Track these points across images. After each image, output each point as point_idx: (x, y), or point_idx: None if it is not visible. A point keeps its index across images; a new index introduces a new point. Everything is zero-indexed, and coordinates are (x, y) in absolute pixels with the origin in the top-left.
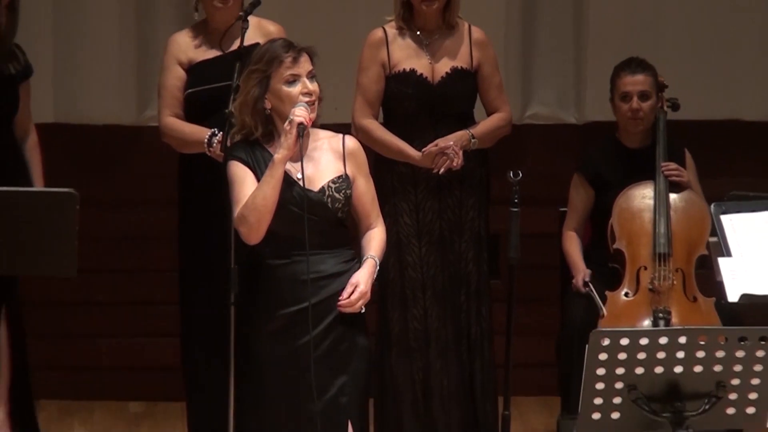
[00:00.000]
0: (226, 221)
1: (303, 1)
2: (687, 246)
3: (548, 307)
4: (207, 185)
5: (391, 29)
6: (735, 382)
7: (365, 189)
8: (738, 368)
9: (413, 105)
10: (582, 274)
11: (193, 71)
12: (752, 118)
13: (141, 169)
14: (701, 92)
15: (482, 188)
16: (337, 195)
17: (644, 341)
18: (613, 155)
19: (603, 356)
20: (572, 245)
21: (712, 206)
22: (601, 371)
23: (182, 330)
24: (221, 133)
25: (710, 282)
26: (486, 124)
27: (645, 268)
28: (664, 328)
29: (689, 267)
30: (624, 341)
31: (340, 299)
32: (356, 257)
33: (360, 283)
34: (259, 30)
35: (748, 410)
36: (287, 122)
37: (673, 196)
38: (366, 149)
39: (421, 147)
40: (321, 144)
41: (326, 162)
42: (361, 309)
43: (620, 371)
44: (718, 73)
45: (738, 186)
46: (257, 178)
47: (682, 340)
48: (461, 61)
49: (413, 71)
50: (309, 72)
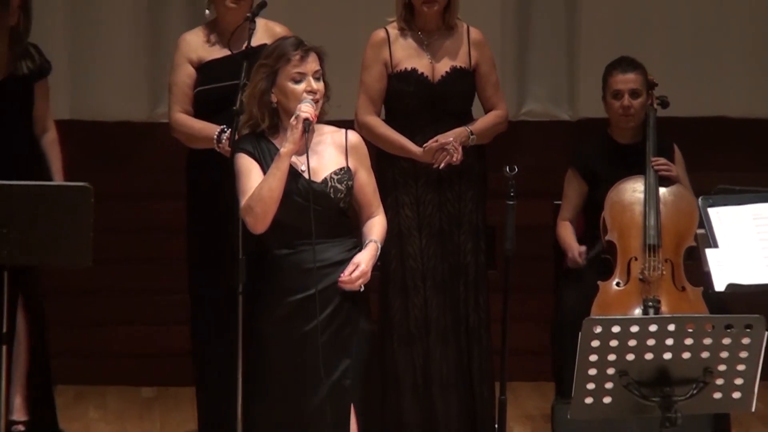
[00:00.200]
0: (233, 213)
1: (308, 3)
2: (676, 237)
3: (543, 297)
4: (214, 179)
5: (393, 30)
6: (722, 368)
7: (366, 181)
8: (724, 355)
9: (414, 102)
10: (576, 250)
11: (203, 70)
12: (738, 115)
13: (152, 164)
14: (689, 90)
15: (480, 182)
16: (339, 186)
17: (635, 329)
18: (606, 151)
19: (595, 343)
20: (566, 231)
21: (700, 199)
22: (594, 358)
23: (192, 318)
24: (230, 130)
25: (698, 272)
26: (484, 121)
27: (635, 259)
28: (654, 317)
29: (678, 258)
30: (615, 329)
31: (341, 276)
32: (358, 245)
33: (361, 263)
34: (267, 31)
35: (734, 395)
36: (293, 117)
37: (663, 190)
38: (369, 145)
39: (422, 143)
40: (325, 138)
41: (329, 155)
42: (360, 288)
43: (612, 358)
44: (706, 72)
45: (724, 180)
46: (263, 170)
47: (671, 328)
48: (460, 61)
49: (414, 70)
50: (315, 72)
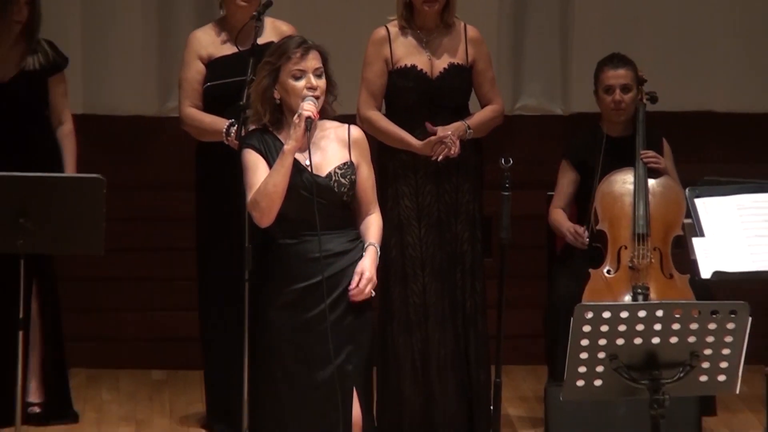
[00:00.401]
0: (241, 203)
1: (311, 2)
2: (664, 227)
3: (536, 283)
4: (222, 171)
5: (394, 28)
6: (707, 352)
7: (367, 175)
8: (710, 339)
9: (414, 98)
10: (575, 228)
11: (213, 66)
12: (723, 110)
13: (162, 156)
14: (677, 86)
15: (477, 174)
16: (343, 180)
17: (624, 314)
18: (597, 143)
19: (587, 328)
20: (560, 215)
21: (687, 190)
22: (585, 342)
23: (200, 304)
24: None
25: (685, 260)
26: (480, 116)
27: (625, 248)
28: (643, 303)
29: (666, 246)
30: (606, 314)
31: (350, 288)
32: (360, 236)
33: (365, 270)
34: (274, 30)
35: (720, 378)
36: (296, 116)
37: (652, 182)
38: (370, 138)
39: (422, 136)
40: (328, 133)
41: (333, 150)
42: (372, 294)
43: (602, 342)
44: (692, 69)
45: (710, 172)
46: (269, 165)
47: (659, 314)
48: (458, 58)
49: (414, 67)
50: (316, 69)
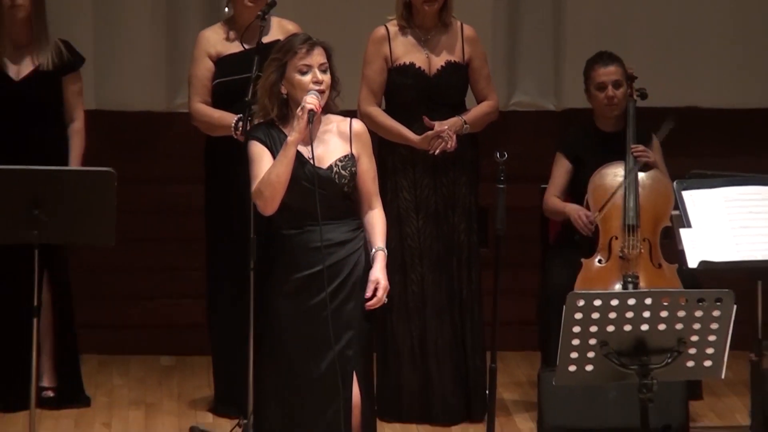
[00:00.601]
0: (247, 196)
1: (313, 2)
2: (653, 218)
3: (530, 273)
4: (230, 165)
5: (393, 27)
6: (694, 339)
7: (368, 167)
8: (697, 326)
9: (412, 94)
10: (583, 212)
11: (221, 63)
12: (709, 106)
13: (171, 151)
14: (665, 83)
15: (473, 168)
16: (343, 172)
17: (615, 302)
18: (590, 138)
19: (578, 316)
20: (557, 201)
21: (675, 183)
22: (577, 329)
23: (208, 292)
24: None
25: (673, 250)
26: (476, 111)
27: (616, 238)
28: (633, 291)
29: (655, 237)
30: (597, 302)
31: (367, 297)
32: (362, 227)
33: (380, 280)
34: (280, 28)
35: (706, 363)
36: (299, 108)
37: (642, 175)
38: (371, 133)
39: (420, 131)
40: (331, 127)
41: (335, 143)
42: (385, 300)
43: (593, 329)
44: (680, 67)
45: (698, 165)
46: (273, 157)
47: (648, 302)
48: (455, 56)
49: (412, 64)
50: (321, 64)
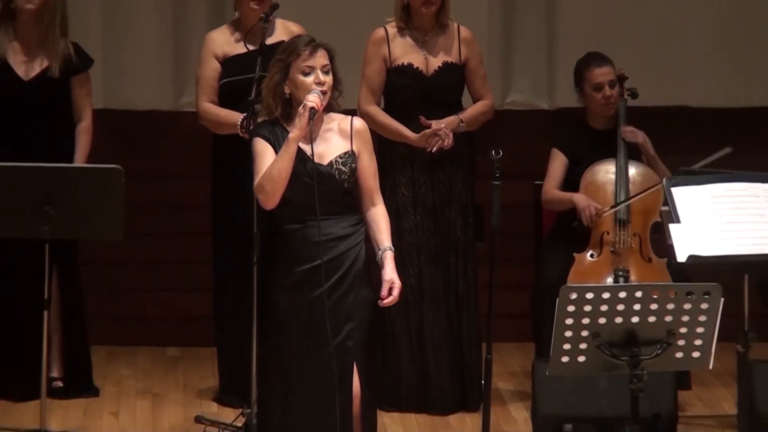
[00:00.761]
0: (251, 191)
1: (315, 4)
2: (643, 214)
3: (525, 267)
4: (235, 162)
5: (392, 28)
6: (683, 331)
7: (368, 164)
8: (685, 318)
9: (410, 94)
10: (592, 203)
11: (227, 64)
12: (697, 105)
13: (177, 148)
14: (655, 82)
15: (469, 165)
16: (343, 168)
17: (606, 295)
18: (583, 136)
19: (571, 308)
20: (558, 192)
21: (664, 180)
22: (570, 321)
23: (214, 285)
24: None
25: (662, 245)
26: (472, 110)
27: (608, 233)
28: (624, 284)
29: (645, 232)
30: (589, 295)
31: (383, 299)
32: (362, 222)
33: (394, 280)
34: (285, 30)
35: (694, 354)
36: (301, 106)
37: (632, 172)
38: (370, 131)
39: (417, 130)
40: (333, 125)
41: (336, 140)
42: (398, 298)
43: (586, 321)
44: (669, 67)
45: (686, 163)
46: (276, 153)
47: (639, 295)
48: (452, 57)
49: (410, 65)
50: (324, 66)
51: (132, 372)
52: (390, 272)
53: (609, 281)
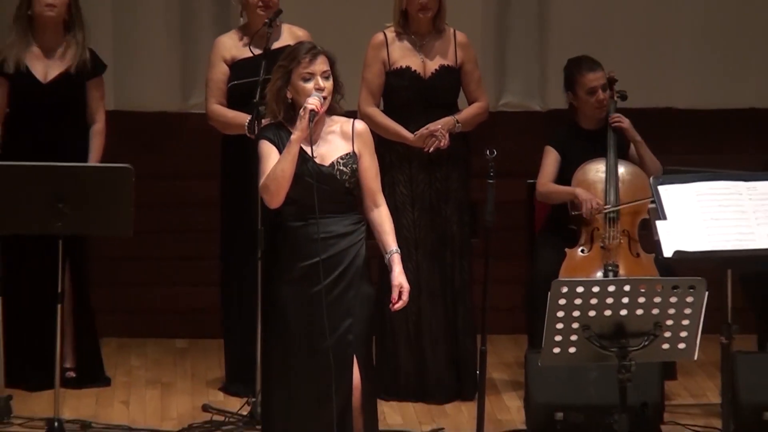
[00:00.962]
0: (257, 190)
1: (316, 10)
2: (632, 211)
3: (518, 262)
4: (243, 162)
5: (390, 33)
6: (669, 323)
7: (369, 164)
8: (672, 311)
9: (408, 96)
10: (592, 196)
11: (235, 67)
12: (683, 107)
13: (185, 149)
14: (642, 85)
15: (464, 164)
16: (345, 169)
17: (596, 289)
18: (574, 136)
19: (562, 302)
20: (552, 185)
21: (651, 178)
22: (561, 314)
23: (221, 279)
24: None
25: (650, 241)
26: (468, 112)
27: (598, 230)
28: (613, 279)
29: (633, 229)
30: (580, 289)
31: (394, 303)
32: (363, 221)
33: (402, 284)
34: (291, 35)
35: (680, 346)
36: (302, 109)
37: (621, 170)
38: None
39: (415, 130)
40: (335, 128)
41: (338, 142)
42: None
43: (576, 314)
44: (657, 69)
45: (672, 162)
46: (281, 154)
47: (627, 289)
48: (448, 60)
49: (408, 68)
50: (324, 72)
51: (142, 363)
52: (398, 276)
53: (599, 276)
